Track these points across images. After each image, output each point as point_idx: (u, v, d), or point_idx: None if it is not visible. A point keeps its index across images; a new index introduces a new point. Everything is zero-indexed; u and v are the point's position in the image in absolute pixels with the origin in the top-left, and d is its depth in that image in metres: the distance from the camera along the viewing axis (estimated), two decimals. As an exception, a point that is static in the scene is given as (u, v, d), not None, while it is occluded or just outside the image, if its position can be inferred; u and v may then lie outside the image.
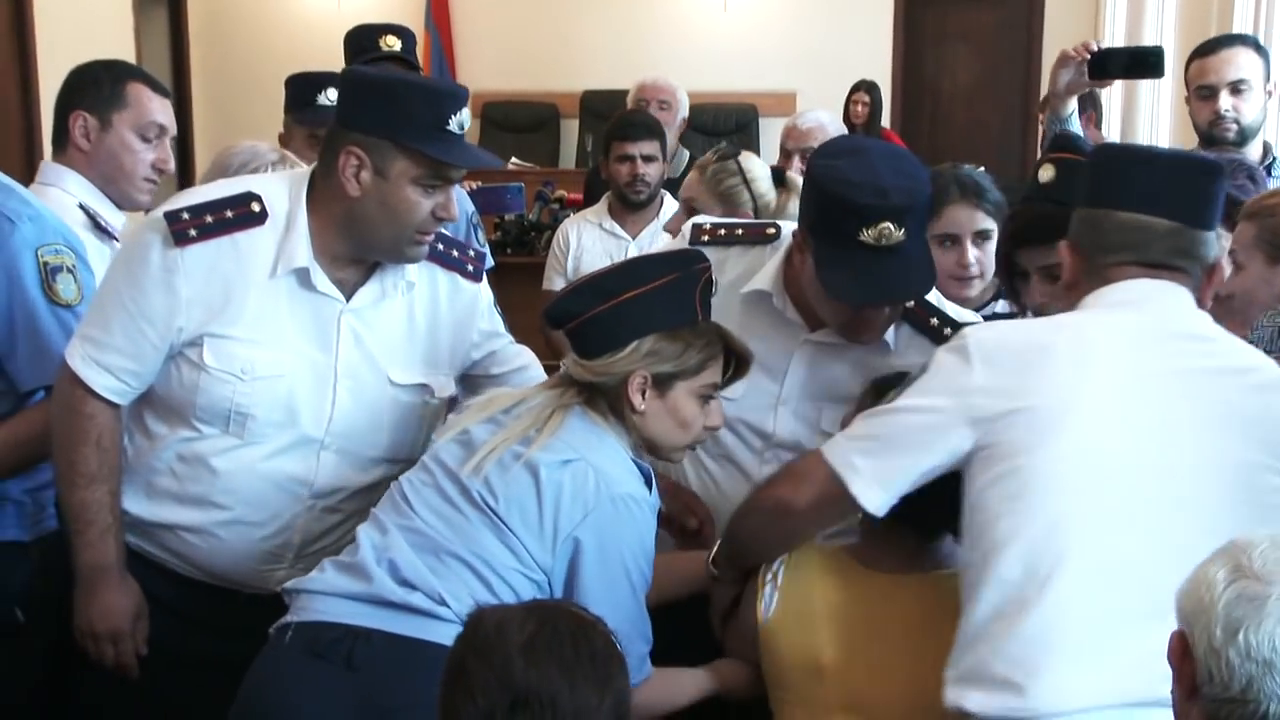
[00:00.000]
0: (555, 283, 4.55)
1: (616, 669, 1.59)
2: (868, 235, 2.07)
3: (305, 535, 2.37)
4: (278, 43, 9.47)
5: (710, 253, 2.27)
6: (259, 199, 2.25)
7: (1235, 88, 3.52)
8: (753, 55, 9.38)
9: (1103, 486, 1.80)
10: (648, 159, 4.37)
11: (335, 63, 4.08)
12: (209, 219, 2.22)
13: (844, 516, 2.04)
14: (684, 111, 5.12)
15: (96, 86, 2.84)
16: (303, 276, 2.27)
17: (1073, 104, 3.31)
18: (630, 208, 4.47)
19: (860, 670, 2.02)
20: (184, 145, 9.76)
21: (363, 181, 2.20)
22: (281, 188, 2.30)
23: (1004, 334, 1.94)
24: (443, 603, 1.95)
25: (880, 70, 9.16)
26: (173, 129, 2.91)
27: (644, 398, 2.06)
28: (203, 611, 2.38)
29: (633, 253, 4.31)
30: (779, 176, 3.19)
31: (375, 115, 2.18)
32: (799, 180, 2.70)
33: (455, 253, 2.44)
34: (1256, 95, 3.54)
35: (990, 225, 2.67)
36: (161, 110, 2.87)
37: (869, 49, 9.26)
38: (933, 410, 1.88)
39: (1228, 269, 2.46)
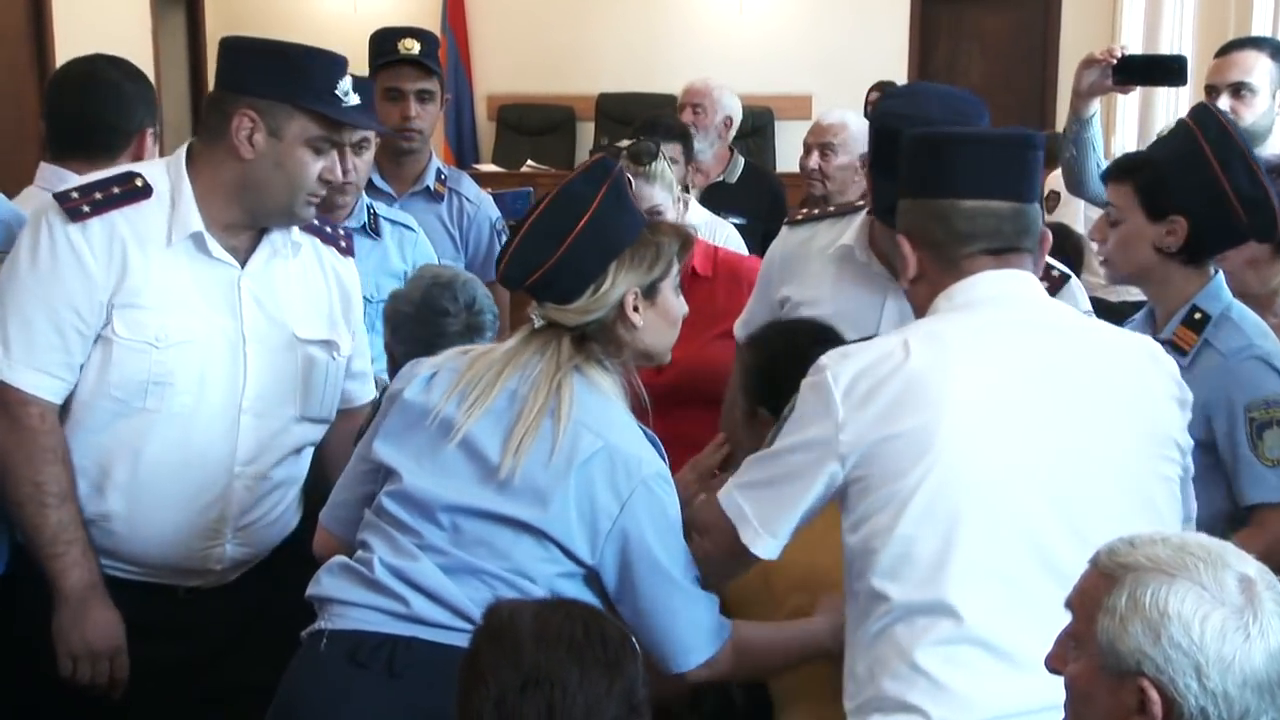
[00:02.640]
0: None
1: (628, 657, 1.60)
2: None
3: (240, 507, 2.38)
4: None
5: (802, 230, 2.51)
6: (140, 175, 2.31)
7: (1236, 90, 3.53)
8: (769, 58, 9.38)
9: (985, 499, 1.77)
10: (670, 161, 4.33)
11: (352, 65, 4.09)
12: (98, 195, 2.26)
13: (749, 564, 2.00)
14: (726, 113, 5.07)
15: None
16: (199, 243, 2.31)
17: (1095, 105, 3.34)
18: None
19: (800, 548, 2.02)
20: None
21: (256, 144, 2.28)
22: (158, 166, 2.36)
23: (860, 361, 1.86)
24: None
25: (896, 72, 9.14)
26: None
27: (639, 313, 2.04)
28: (142, 614, 2.33)
29: None
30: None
31: (272, 79, 2.28)
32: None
33: (328, 229, 2.57)
34: (1261, 98, 3.54)
35: None
36: None
37: (885, 51, 9.24)
38: (803, 449, 1.86)
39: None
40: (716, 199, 4.65)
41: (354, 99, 2.34)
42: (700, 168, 4.98)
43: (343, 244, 2.57)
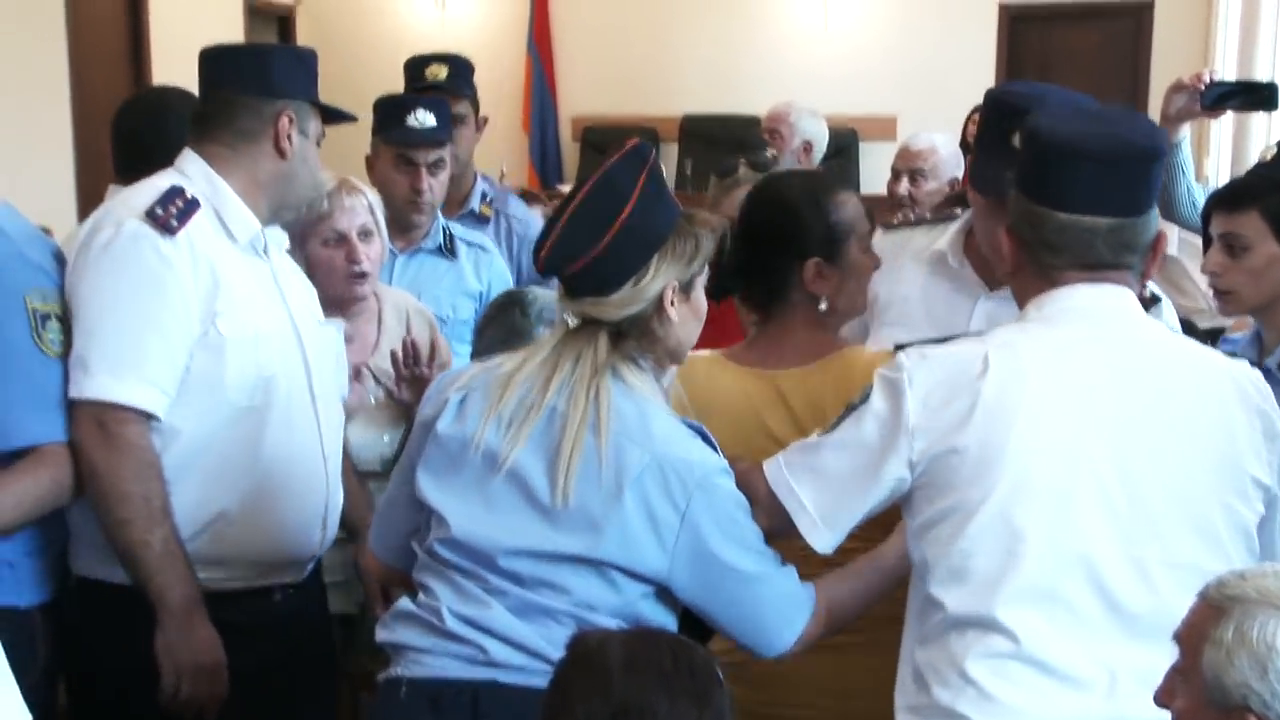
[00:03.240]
0: None
1: (715, 687, 1.59)
2: None
3: (332, 493, 2.47)
4: (382, 62, 9.61)
5: (897, 236, 2.54)
6: (183, 188, 2.37)
7: None
8: (853, 78, 9.33)
9: (1046, 520, 1.75)
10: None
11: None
12: (174, 207, 2.33)
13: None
14: (805, 137, 5.06)
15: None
16: (255, 242, 2.42)
17: (1184, 129, 3.28)
18: None
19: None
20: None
21: (294, 142, 2.44)
22: (188, 174, 2.41)
23: (939, 370, 1.83)
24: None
25: (982, 91, 9.07)
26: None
27: (674, 308, 1.97)
28: (242, 621, 2.38)
29: None
30: None
31: (299, 81, 2.46)
32: None
33: None
34: None
35: None
36: None
37: (972, 71, 9.14)
38: (871, 448, 1.84)
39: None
40: None
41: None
42: None
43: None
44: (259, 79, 2.43)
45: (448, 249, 3.34)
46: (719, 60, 9.54)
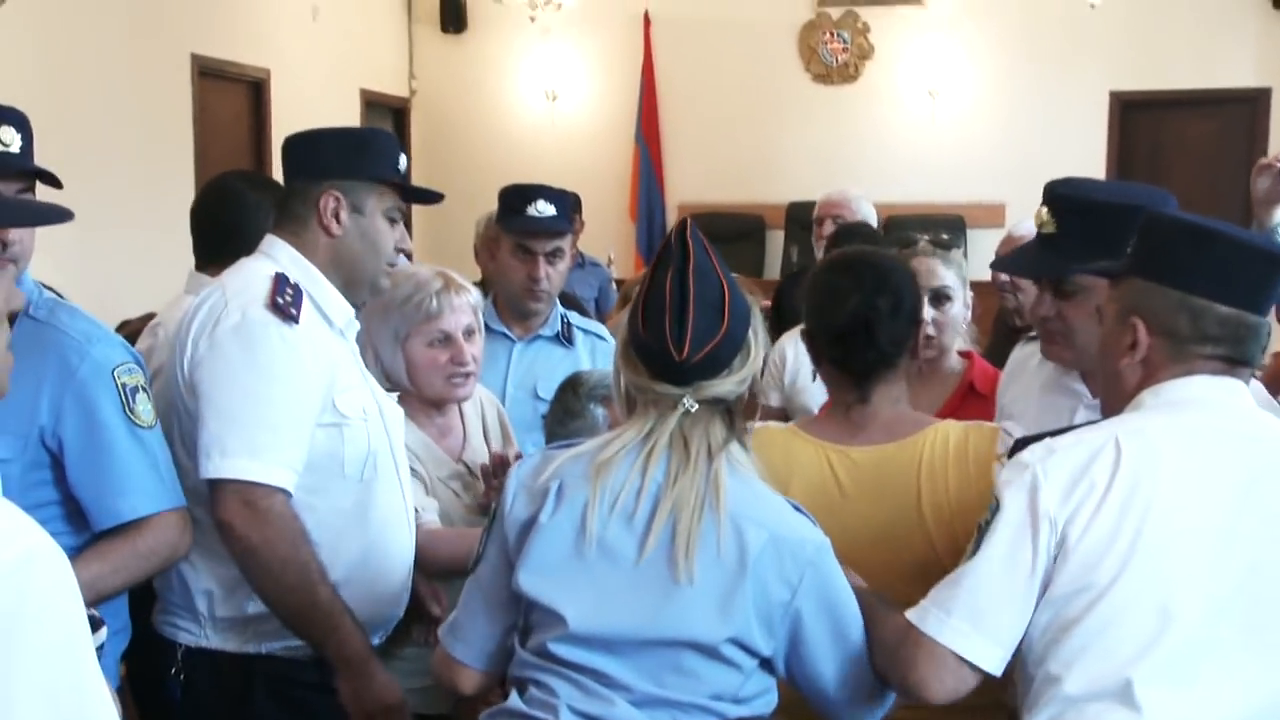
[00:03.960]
0: (771, 398, 4.50)
1: None
2: None
3: (413, 558, 2.52)
4: (493, 152, 9.84)
5: (1030, 345, 2.54)
6: (289, 276, 2.44)
7: None
8: (961, 166, 9.33)
9: (1174, 608, 1.74)
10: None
11: (547, 174, 4.22)
12: (289, 295, 2.41)
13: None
14: (868, 221, 5.09)
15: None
16: (350, 326, 2.50)
17: (1278, 214, 3.19)
18: None
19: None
20: (402, 253, 10.19)
21: (342, 220, 2.47)
22: (279, 260, 2.47)
23: (1072, 458, 1.81)
24: None
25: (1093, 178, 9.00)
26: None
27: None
28: (329, 680, 2.43)
29: None
30: None
31: (348, 160, 2.48)
32: None
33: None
34: None
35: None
36: None
37: (1081, 158, 9.09)
38: (1018, 559, 1.80)
39: None
40: None
41: (403, 164, 2.54)
42: None
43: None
44: (307, 163, 2.51)
45: (565, 337, 3.38)
46: (825, 149, 9.60)
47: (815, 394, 4.41)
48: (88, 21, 6.63)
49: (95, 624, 1.33)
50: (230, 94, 8.00)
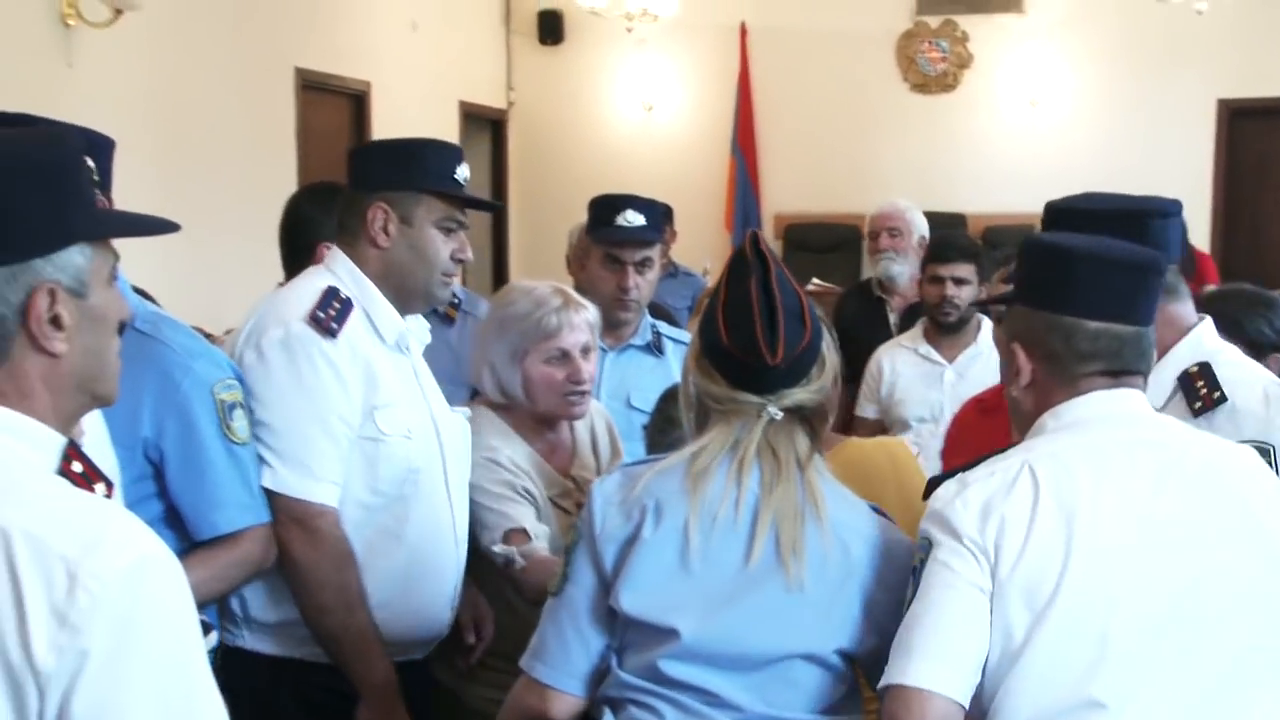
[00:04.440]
0: (867, 410, 4.46)
1: None
2: None
3: (459, 575, 2.53)
4: (589, 163, 9.90)
5: None
6: (338, 289, 2.47)
7: None
8: (1062, 176, 9.14)
9: (1122, 617, 1.74)
10: (959, 281, 4.22)
11: (643, 185, 4.23)
12: (332, 310, 2.43)
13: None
14: (920, 233, 5.03)
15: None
16: (402, 341, 2.52)
17: None
18: (944, 331, 4.30)
19: None
20: (499, 262, 10.28)
21: (390, 232, 2.48)
22: (337, 273, 2.50)
23: (982, 488, 1.81)
24: None
25: (1199, 186, 8.82)
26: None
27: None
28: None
29: (949, 380, 4.21)
30: None
31: (397, 171, 2.48)
32: None
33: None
34: None
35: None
36: None
37: (1186, 167, 8.92)
38: (956, 589, 1.78)
39: None
40: (915, 321, 4.53)
41: (462, 174, 2.53)
42: (897, 290, 4.89)
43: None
44: (358, 175, 2.55)
45: (655, 346, 3.40)
46: (922, 158, 9.52)
47: (912, 405, 4.40)
48: (198, 36, 6.79)
49: (205, 629, 1.37)
50: (332, 106, 8.14)
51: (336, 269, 2.51)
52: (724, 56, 9.89)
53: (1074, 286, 1.86)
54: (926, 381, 4.27)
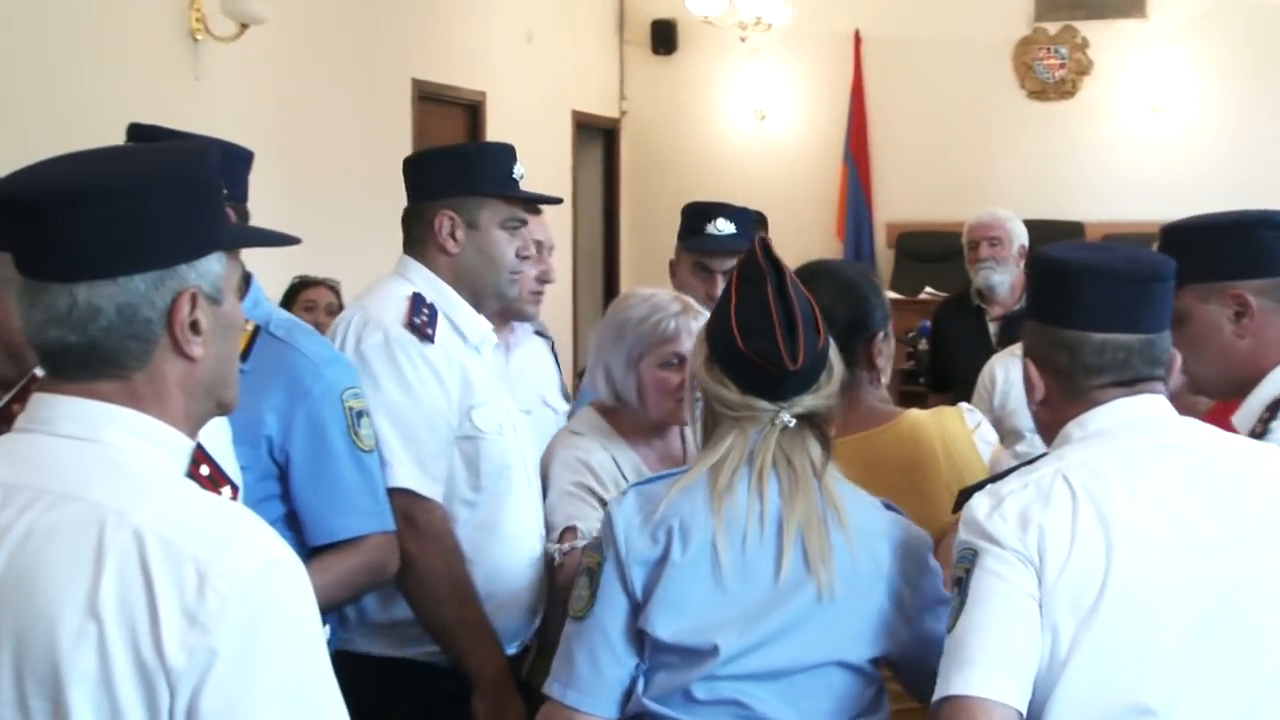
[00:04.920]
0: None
1: None
2: None
3: (543, 574, 2.57)
4: (702, 172, 9.91)
5: None
6: (424, 296, 2.56)
7: None
8: (1185, 185, 8.96)
9: (1164, 622, 1.74)
10: None
11: (755, 193, 4.23)
12: (424, 315, 2.52)
13: None
14: (1020, 241, 4.95)
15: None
16: (485, 341, 2.60)
17: None
18: None
19: None
20: (610, 271, 10.33)
21: (458, 238, 2.57)
22: (414, 280, 2.59)
23: (1017, 499, 1.80)
24: None
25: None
26: (550, 242, 3.13)
27: None
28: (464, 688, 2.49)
29: None
30: None
31: (456, 178, 2.55)
32: None
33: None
34: None
35: None
36: (537, 227, 3.06)
37: (1317, 176, 8.66)
38: (1004, 595, 1.76)
39: None
40: (1016, 331, 4.45)
41: (519, 172, 2.61)
42: (997, 299, 4.82)
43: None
44: (418, 186, 2.63)
45: None
46: (1039, 166, 9.36)
47: (1026, 416, 4.31)
48: (319, 49, 6.93)
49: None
50: (447, 116, 8.26)
51: (413, 276, 2.59)
52: (837, 65, 9.83)
53: (1074, 300, 1.86)
54: None
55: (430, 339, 2.48)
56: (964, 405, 2.44)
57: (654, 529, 1.91)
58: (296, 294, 5.55)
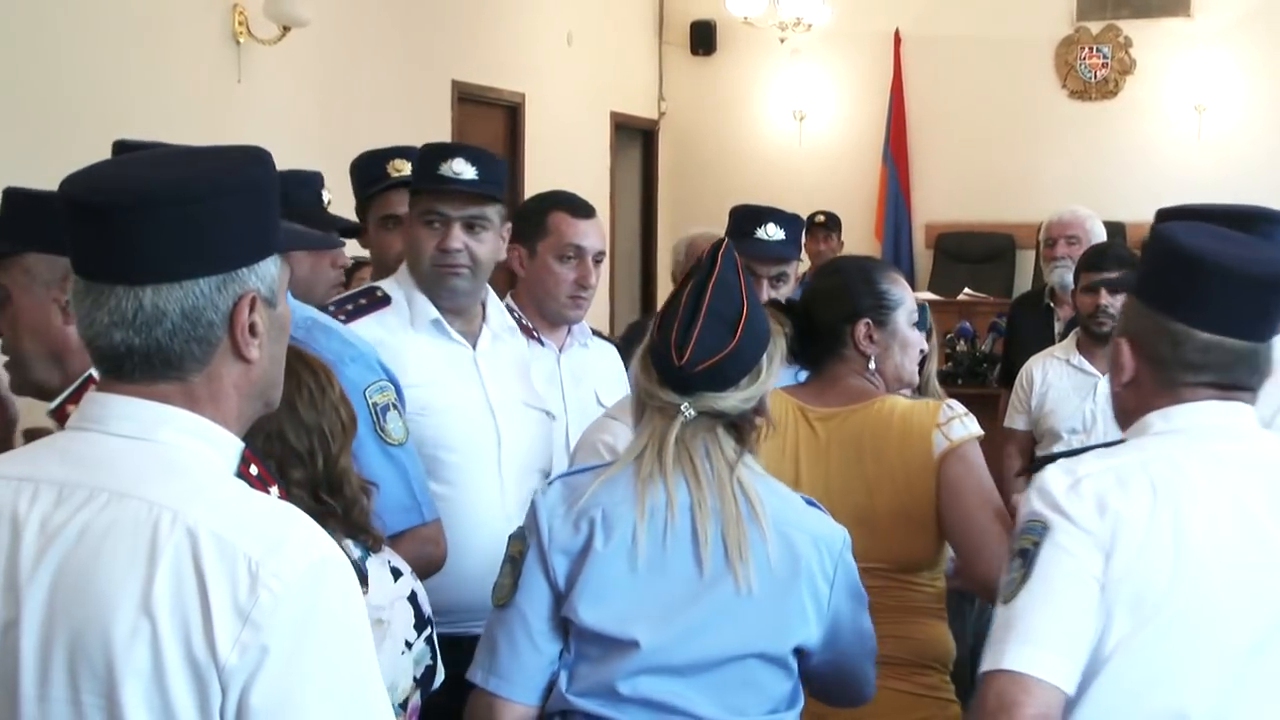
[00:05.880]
0: (1017, 421, 4.40)
1: None
2: None
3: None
4: (740, 175, 9.90)
5: None
6: (380, 288, 2.82)
7: None
8: (1230, 184, 8.84)
9: (1200, 637, 1.71)
10: (1115, 290, 4.16)
11: (794, 194, 4.22)
12: (349, 308, 2.76)
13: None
14: (1099, 239, 4.91)
15: (525, 220, 3.14)
16: (439, 328, 2.75)
17: None
18: (1098, 341, 4.19)
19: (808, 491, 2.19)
20: (647, 272, 10.34)
21: (402, 234, 2.91)
22: (390, 282, 2.86)
23: (1102, 481, 1.75)
24: None
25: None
26: (596, 247, 3.09)
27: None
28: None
29: (1103, 390, 4.12)
30: None
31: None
32: None
33: (523, 323, 3.05)
34: None
35: None
36: (581, 233, 3.09)
37: (1363, 177, 8.55)
38: (1069, 573, 1.72)
39: None
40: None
41: (465, 172, 2.73)
42: (1068, 299, 4.78)
43: (535, 335, 3.07)
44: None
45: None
46: (1081, 167, 9.28)
47: (1064, 417, 4.32)
48: (361, 50, 6.97)
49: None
50: (487, 118, 8.28)
51: (396, 276, 2.88)
52: (878, 65, 9.79)
53: (1198, 295, 1.78)
54: (1080, 393, 4.23)
55: (348, 319, 2.68)
56: (949, 401, 2.50)
57: (577, 518, 1.96)
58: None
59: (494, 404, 2.74)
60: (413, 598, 2.04)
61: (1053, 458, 1.88)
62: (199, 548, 1.25)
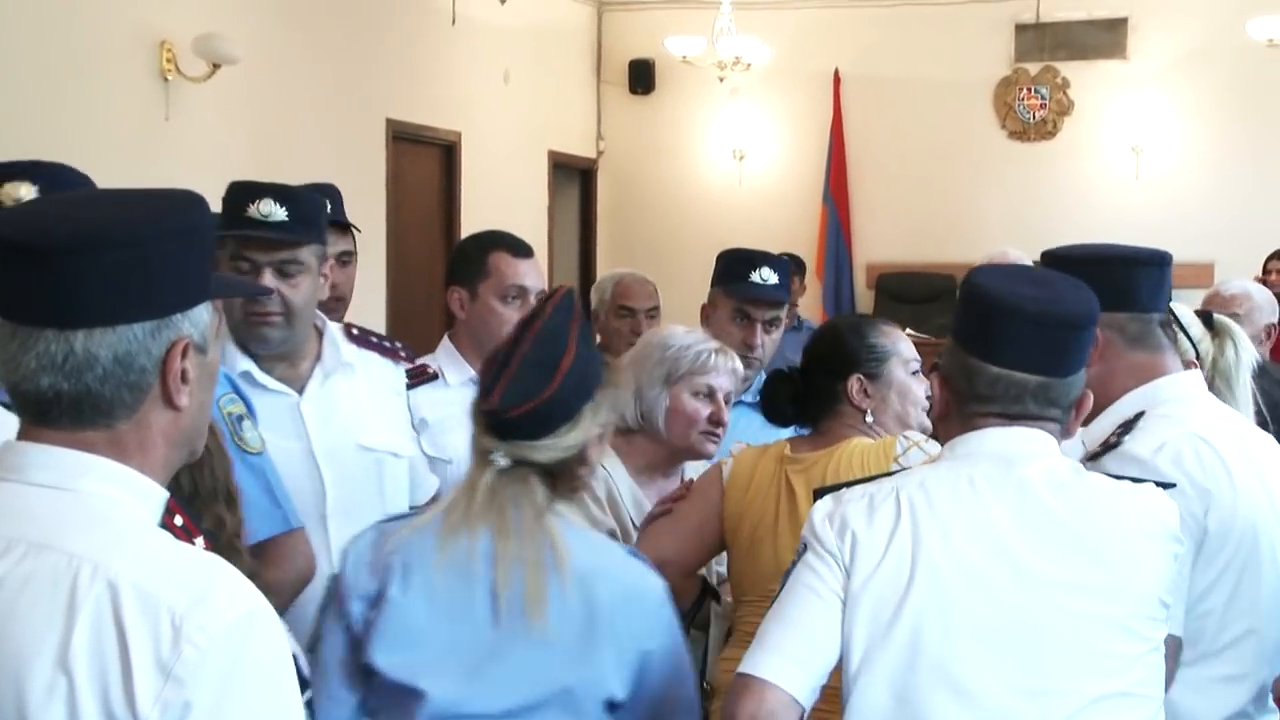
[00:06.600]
0: None
1: None
2: None
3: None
4: (680, 213, 9.85)
5: None
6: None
7: None
8: (1167, 225, 8.93)
9: (946, 638, 1.81)
10: None
11: (734, 234, 4.15)
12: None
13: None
14: None
15: (464, 261, 3.10)
16: (249, 380, 2.56)
17: None
18: None
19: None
20: (586, 311, 10.23)
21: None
22: None
23: (852, 505, 1.90)
24: None
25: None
26: (538, 287, 3.05)
27: (597, 450, 2.05)
28: None
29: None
30: (1207, 321, 2.98)
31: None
32: (1231, 324, 2.70)
33: (386, 344, 2.90)
34: None
35: None
36: (523, 273, 3.05)
37: (1296, 216, 8.65)
38: (810, 587, 1.87)
39: None
40: None
41: (276, 214, 2.56)
42: None
43: (401, 354, 2.89)
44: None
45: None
46: (1020, 207, 9.33)
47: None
48: (293, 88, 6.87)
49: (302, 685, 1.36)
50: (423, 157, 8.18)
51: None
52: (817, 105, 9.81)
53: (987, 332, 1.91)
54: None
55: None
56: (906, 433, 2.54)
57: (377, 565, 1.97)
58: None
59: (318, 452, 2.62)
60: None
61: (836, 488, 2.00)
62: (120, 600, 1.21)
